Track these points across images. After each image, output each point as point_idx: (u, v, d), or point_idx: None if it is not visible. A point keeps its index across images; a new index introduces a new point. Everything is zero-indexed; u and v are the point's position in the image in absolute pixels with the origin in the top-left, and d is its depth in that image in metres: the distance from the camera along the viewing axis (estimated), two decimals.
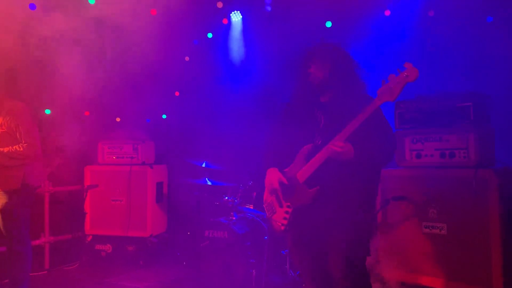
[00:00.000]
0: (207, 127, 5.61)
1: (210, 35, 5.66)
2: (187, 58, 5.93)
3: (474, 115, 3.27)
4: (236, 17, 5.66)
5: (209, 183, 4.68)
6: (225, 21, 5.39)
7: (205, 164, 4.75)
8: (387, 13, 4.53)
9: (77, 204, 5.28)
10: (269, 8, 4.87)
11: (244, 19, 5.50)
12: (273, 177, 2.76)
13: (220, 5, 5.02)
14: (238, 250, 4.16)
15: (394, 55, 4.36)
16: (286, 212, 2.70)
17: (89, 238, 5.24)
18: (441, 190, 3.30)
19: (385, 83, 2.43)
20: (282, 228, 2.72)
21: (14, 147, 3.60)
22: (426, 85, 3.77)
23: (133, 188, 5.17)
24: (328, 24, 4.71)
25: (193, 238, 4.43)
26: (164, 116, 6.29)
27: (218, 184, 4.74)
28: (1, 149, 3.58)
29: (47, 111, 5.54)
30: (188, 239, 4.53)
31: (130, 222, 5.12)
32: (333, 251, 2.60)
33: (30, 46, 4.66)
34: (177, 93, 6.20)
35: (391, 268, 3.38)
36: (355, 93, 2.65)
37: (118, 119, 6.23)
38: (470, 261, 3.18)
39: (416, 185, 3.38)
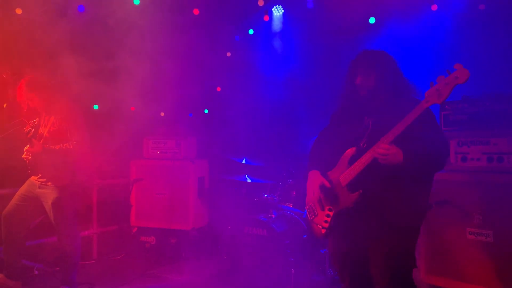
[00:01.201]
0: (247, 123, 5.65)
1: (251, 31, 5.67)
2: (228, 54, 5.97)
3: None
4: (277, 12, 5.63)
5: (249, 180, 4.73)
6: (266, 18, 5.38)
7: (245, 161, 4.80)
8: (434, 7, 4.35)
9: (123, 197, 5.48)
10: (310, 5, 4.80)
11: (285, 14, 5.46)
12: (314, 179, 2.77)
13: (261, 3, 5.01)
14: (277, 248, 4.20)
15: (442, 52, 4.20)
16: (327, 216, 2.69)
17: (135, 230, 5.43)
18: (488, 195, 3.18)
19: (433, 84, 2.37)
20: (323, 231, 2.72)
21: (64, 144, 3.79)
22: (474, 85, 3.62)
23: (175, 182, 5.30)
24: (372, 20, 4.59)
25: (233, 233, 4.50)
26: (206, 111, 6.39)
27: (257, 182, 4.77)
28: (53, 147, 3.77)
29: (95, 107, 5.75)
30: (228, 233, 4.61)
31: (172, 215, 5.26)
32: (375, 259, 2.56)
33: (79, 44, 4.86)
34: (218, 89, 6.27)
35: (431, 274, 3.29)
36: (404, 97, 2.62)
37: (162, 114, 6.38)
38: None
39: (461, 190, 3.27)
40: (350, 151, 2.63)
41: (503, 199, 3.13)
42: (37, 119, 3.74)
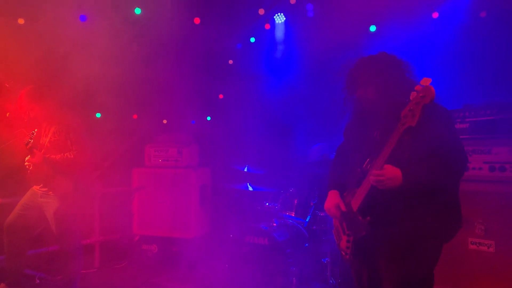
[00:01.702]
0: (248, 130, 5.65)
1: (253, 39, 5.69)
2: (230, 62, 5.99)
3: None
4: (279, 19, 5.64)
5: (250, 188, 4.72)
6: (267, 26, 5.39)
7: (247, 169, 4.79)
8: (435, 15, 4.34)
9: (126, 205, 5.49)
10: (311, 14, 4.81)
11: (286, 22, 5.47)
12: (331, 201, 2.62)
13: (261, 11, 5.03)
14: (278, 257, 4.17)
15: (443, 60, 4.18)
16: (348, 241, 2.53)
17: (137, 238, 5.43)
18: (490, 205, 3.15)
19: (407, 102, 2.17)
20: (347, 257, 2.56)
21: (65, 154, 3.80)
22: (476, 93, 3.62)
23: (177, 191, 5.30)
24: (373, 28, 4.59)
25: (234, 242, 4.49)
26: (208, 118, 6.40)
27: (259, 190, 4.76)
28: (54, 157, 3.78)
29: (98, 115, 5.77)
30: (230, 242, 4.59)
31: (174, 223, 5.26)
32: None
33: (79, 53, 4.89)
34: (221, 96, 6.28)
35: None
36: (402, 105, 2.28)
37: (165, 121, 6.40)
38: None
39: (462, 199, 3.23)
40: (356, 173, 2.48)
41: (505, 209, 3.10)
42: (36, 130, 3.75)
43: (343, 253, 2.58)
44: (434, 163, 2.25)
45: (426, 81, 2.11)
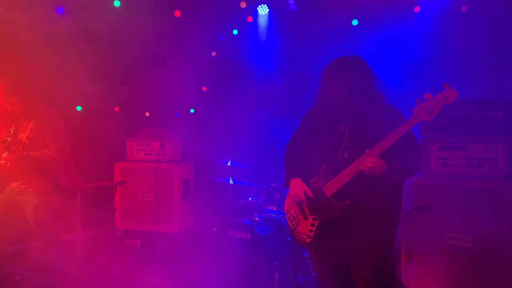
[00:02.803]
0: (232, 124, 5.63)
1: (235, 31, 5.64)
2: (213, 54, 5.93)
3: (504, 124, 3.13)
4: (262, 11, 5.59)
5: (232, 182, 4.71)
6: (249, 19, 5.34)
7: (230, 163, 4.78)
8: (417, 9, 4.34)
9: (107, 200, 5.44)
10: (293, 7, 4.77)
11: (269, 14, 5.42)
12: (298, 188, 2.75)
13: (243, 4, 4.98)
14: (261, 251, 4.20)
15: (424, 54, 4.19)
16: (312, 225, 2.70)
17: (119, 233, 5.39)
18: (467, 201, 3.20)
19: (420, 102, 2.42)
20: (308, 240, 2.72)
21: (44, 151, 3.74)
22: (457, 88, 3.63)
23: (160, 185, 5.26)
24: (355, 22, 4.57)
25: (217, 237, 4.49)
26: (192, 111, 6.36)
27: (242, 184, 4.76)
28: (32, 153, 3.72)
29: (79, 108, 5.69)
30: (213, 236, 4.60)
31: (157, 218, 5.23)
32: (359, 264, 2.63)
33: (59, 46, 4.80)
34: (204, 88, 6.24)
35: (412, 278, 3.31)
36: (377, 103, 2.66)
37: (147, 114, 6.34)
38: (495, 275, 3.08)
39: (441, 195, 3.29)
40: (333, 161, 2.65)
41: (482, 205, 3.15)
42: (13, 128, 3.68)
43: (304, 236, 2.73)
44: (410, 157, 2.58)
45: (446, 85, 2.37)
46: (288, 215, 2.89)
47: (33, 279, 4.30)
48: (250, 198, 4.60)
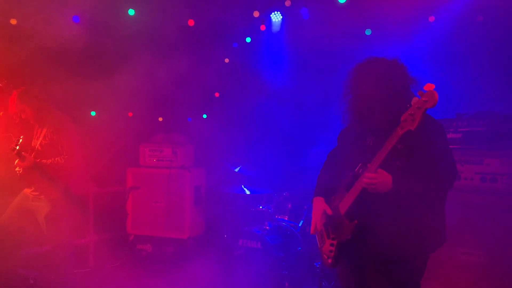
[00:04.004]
0: (244, 130, 5.64)
1: (248, 39, 5.64)
2: (226, 60, 5.95)
3: None
4: (276, 18, 5.58)
5: (246, 191, 4.70)
6: (262, 27, 5.34)
7: (242, 170, 4.78)
8: (432, 19, 4.29)
9: (120, 205, 5.49)
10: (306, 16, 4.75)
11: (283, 22, 5.42)
12: (317, 207, 2.64)
13: (256, 14, 4.98)
14: (271, 261, 4.18)
15: (439, 65, 4.13)
16: (331, 245, 2.53)
17: (131, 238, 5.43)
18: (480, 216, 3.14)
19: (408, 107, 2.16)
20: (329, 261, 2.55)
21: (56, 159, 3.79)
22: (469, 101, 3.58)
23: (172, 191, 5.29)
24: (368, 32, 4.54)
25: (227, 245, 4.50)
26: (204, 116, 6.37)
27: (254, 193, 4.75)
28: (44, 161, 3.78)
29: (93, 113, 5.75)
30: (224, 244, 4.60)
31: (169, 223, 5.26)
32: None
33: (74, 53, 4.87)
34: (217, 94, 6.25)
35: None
36: (401, 111, 2.23)
37: (160, 119, 6.38)
38: None
39: (453, 209, 3.22)
40: (347, 176, 2.48)
41: (495, 220, 3.10)
42: (22, 136, 3.73)
43: (325, 257, 2.59)
44: (425, 173, 2.26)
45: (429, 87, 2.09)
46: (316, 233, 2.73)
47: (46, 282, 4.36)
48: (261, 207, 4.59)
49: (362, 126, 2.49)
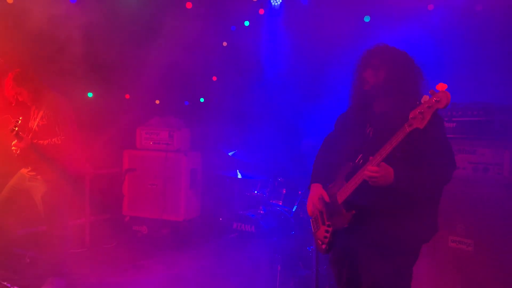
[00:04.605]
0: (241, 115, 5.64)
1: (247, 23, 5.61)
2: (224, 44, 5.92)
3: None
4: (275, 2, 5.54)
5: (239, 175, 4.74)
6: (261, 11, 5.31)
7: (237, 155, 4.82)
8: (431, 7, 4.27)
9: (116, 186, 5.52)
10: (305, 2, 4.72)
11: (281, 7, 5.38)
12: (314, 193, 2.66)
13: None
14: (264, 244, 4.25)
15: (436, 53, 4.13)
16: (326, 231, 2.58)
17: (127, 219, 5.49)
18: (471, 205, 3.19)
19: (418, 104, 2.14)
20: (323, 247, 2.61)
21: (53, 140, 3.80)
22: (466, 91, 3.59)
23: (168, 174, 5.33)
24: (367, 18, 4.52)
25: (222, 228, 4.56)
26: (202, 100, 6.37)
27: (249, 178, 4.79)
28: (41, 142, 3.79)
29: (90, 94, 5.74)
30: (219, 226, 4.66)
31: (165, 206, 5.31)
32: (366, 283, 2.47)
33: (71, 33, 4.83)
34: (214, 78, 6.24)
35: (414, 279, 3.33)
36: (410, 106, 2.22)
37: (157, 102, 6.38)
38: (495, 280, 3.09)
39: (445, 198, 3.26)
40: (347, 166, 2.50)
41: (486, 210, 3.14)
42: (21, 118, 3.73)
43: (319, 242, 2.64)
44: (426, 168, 2.29)
45: (442, 87, 2.08)
46: (311, 219, 2.78)
47: (42, 261, 4.41)
48: (256, 191, 4.64)
49: (363, 114, 2.51)
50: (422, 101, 2.13)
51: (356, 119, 2.56)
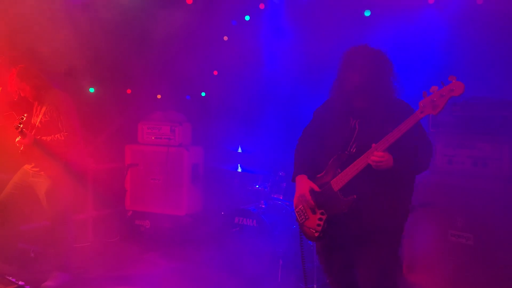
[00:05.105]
0: (242, 109, 5.66)
1: (247, 17, 5.60)
2: (225, 38, 5.92)
3: None
4: None
5: (240, 169, 4.77)
6: (261, 6, 5.31)
7: (239, 149, 4.84)
8: (431, 1, 4.26)
9: (118, 181, 5.56)
10: None
11: (282, 1, 5.37)
12: (303, 185, 2.76)
13: None
14: (266, 238, 4.28)
15: (437, 47, 4.13)
16: (320, 219, 2.69)
17: (129, 214, 5.53)
18: (471, 199, 3.22)
19: (426, 95, 2.39)
20: (316, 235, 2.72)
21: (56, 136, 3.83)
22: (466, 85, 3.59)
23: (170, 169, 5.36)
24: (367, 13, 4.51)
25: (224, 222, 4.59)
26: (203, 94, 6.38)
27: (250, 172, 4.82)
28: (44, 138, 3.82)
29: (91, 90, 5.76)
30: (220, 220, 4.69)
31: (167, 200, 5.35)
32: (365, 260, 2.63)
33: (73, 30, 4.84)
34: (215, 72, 6.24)
35: (413, 273, 3.37)
36: (389, 99, 2.62)
37: (159, 96, 6.39)
38: (494, 274, 3.12)
39: (445, 192, 3.31)
40: (341, 156, 2.64)
41: (485, 204, 3.16)
42: (25, 115, 3.76)
43: (312, 231, 2.74)
44: (419, 153, 2.54)
45: (453, 78, 2.33)
46: (297, 210, 2.89)
47: (46, 256, 4.47)
48: (257, 186, 4.67)
49: (343, 108, 2.69)
50: (431, 91, 2.37)
51: (337, 112, 2.73)
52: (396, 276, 2.65)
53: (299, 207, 2.85)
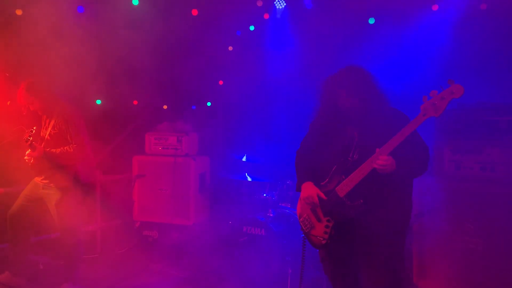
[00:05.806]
0: (247, 119, 5.69)
1: (252, 27, 5.65)
2: (230, 48, 5.96)
3: None
4: (280, 5, 5.57)
5: (249, 178, 4.78)
6: (266, 16, 5.35)
7: (245, 158, 4.85)
8: (435, 7, 4.29)
9: (126, 192, 5.58)
10: (309, 5, 4.75)
11: (286, 10, 5.42)
12: (311, 191, 2.81)
13: (259, 3, 4.99)
14: (274, 247, 4.27)
15: (441, 54, 4.15)
16: (327, 227, 2.76)
17: (137, 224, 5.54)
18: (479, 204, 3.21)
19: (427, 99, 2.45)
20: (323, 242, 2.78)
21: (65, 148, 3.87)
22: (472, 91, 3.60)
23: (177, 179, 5.38)
24: (371, 21, 4.54)
25: (232, 231, 4.59)
26: (209, 104, 6.42)
27: (257, 181, 4.83)
28: (54, 150, 3.86)
29: (98, 101, 5.82)
30: (228, 230, 4.69)
31: (174, 210, 5.36)
32: (370, 265, 2.67)
33: (79, 43, 4.91)
34: (221, 82, 6.28)
35: (422, 279, 3.36)
36: (383, 108, 2.73)
37: (165, 107, 6.44)
38: (503, 280, 3.10)
39: (453, 198, 3.30)
40: (343, 163, 2.71)
41: (494, 209, 3.16)
42: (35, 128, 3.81)
43: (320, 239, 2.79)
44: (418, 156, 2.64)
45: (451, 81, 2.39)
46: (301, 219, 2.94)
47: (55, 267, 4.49)
48: (265, 194, 4.67)
49: (339, 121, 2.79)
50: (431, 95, 2.43)
51: (333, 123, 2.83)
52: (402, 278, 2.68)
53: (304, 216, 2.90)
